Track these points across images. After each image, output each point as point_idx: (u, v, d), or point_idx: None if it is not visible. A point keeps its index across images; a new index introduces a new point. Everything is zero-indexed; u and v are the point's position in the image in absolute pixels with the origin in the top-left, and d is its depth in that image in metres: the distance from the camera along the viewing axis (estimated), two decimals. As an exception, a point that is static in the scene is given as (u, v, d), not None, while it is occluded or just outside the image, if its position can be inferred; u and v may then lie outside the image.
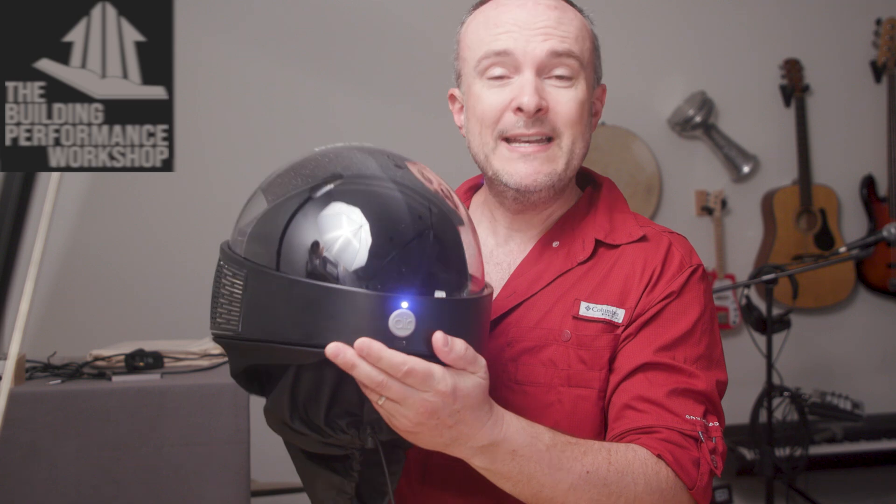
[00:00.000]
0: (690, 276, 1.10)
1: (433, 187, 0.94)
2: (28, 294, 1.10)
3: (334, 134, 3.18)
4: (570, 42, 1.09)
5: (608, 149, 3.26)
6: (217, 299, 0.91)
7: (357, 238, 0.85)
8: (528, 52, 1.07)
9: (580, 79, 1.10)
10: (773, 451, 2.65)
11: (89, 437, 1.75)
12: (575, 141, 1.10)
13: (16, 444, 1.71)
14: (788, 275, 2.61)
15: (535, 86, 1.07)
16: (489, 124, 1.10)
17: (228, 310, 0.89)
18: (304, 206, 0.88)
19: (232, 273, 0.89)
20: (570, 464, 0.93)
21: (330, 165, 0.93)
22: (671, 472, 0.98)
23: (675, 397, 1.03)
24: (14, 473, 1.72)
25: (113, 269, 3.01)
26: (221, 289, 0.90)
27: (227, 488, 1.78)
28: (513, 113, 1.08)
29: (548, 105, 1.08)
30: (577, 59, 1.09)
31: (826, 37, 3.45)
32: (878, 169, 3.43)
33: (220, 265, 0.92)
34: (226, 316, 0.89)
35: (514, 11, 1.09)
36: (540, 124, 1.08)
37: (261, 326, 0.86)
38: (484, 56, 1.09)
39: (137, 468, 1.76)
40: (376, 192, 0.90)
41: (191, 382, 1.86)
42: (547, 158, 1.09)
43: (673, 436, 1.00)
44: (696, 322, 1.08)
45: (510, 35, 1.08)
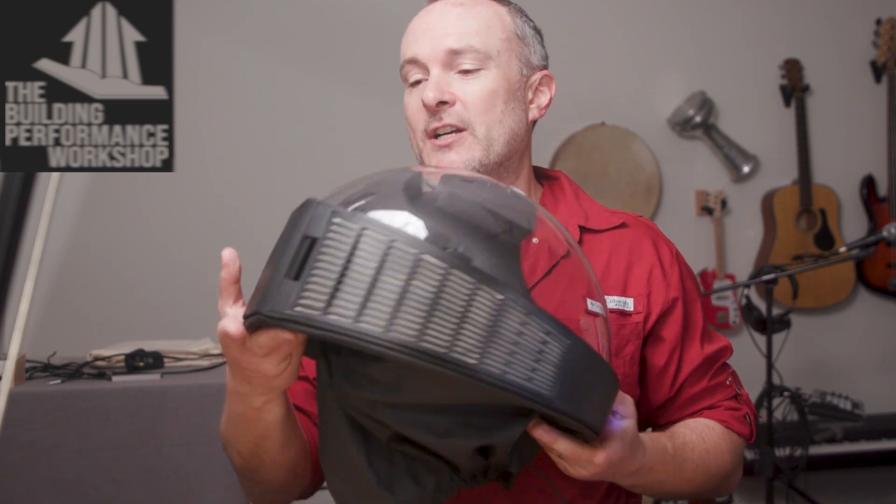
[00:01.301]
0: (680, 262, 1.24)
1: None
2: (28, 294, 1.10)
3: (334, 134, 3.18)
4: (469, 37, 1.14)
5: (608, 149, 3.25)
6: (505, 342, 0.81)
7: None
8: (428, 55, 1.14)
9: (489, 68, 1.14)
10: (773, 451, 2.65)
11: (89, 437, 1.75)
12: (490, 128, 1.14)
13: (16, 444, 1.71)
14: (788, 275, 2.61)
15: (435, 81, 1.13)
16: (415, 125, 1.17)
17: (533, 367, 0.82)
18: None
19: (545, 331, 0.83)
20: (686, 463, 1.10)
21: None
22: (735, 434, 1.20)
23: (717, 375, 1.22)
24: (14, 473, 1.72)
25: (113, 269, 3.01)
26: (522, 338, 0.82)
27: (227, 488, 1.78)
28: (424, 111, 1.15)
29: (454, 98, 1.13)
30: (479, 51, 1.14)
31: (826, 37, 3.45)
32: (878, 169, 3.43)
33: (511, 307, 0.82)
34: (528, 372, 0.81)
35: (423, 19, 1.18)
36: (448, 116, 1.13)
37: (574, 401, 0.85)
38: (401, 66, 1.18)
39: (137, 468, 1.76)
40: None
41: (191, 382, 1.86)
42: (462, 147, 1.14)
43: (728, 404, 1.22)
44: (701, 307, 1.24)
45: (416, 42, 1.16)
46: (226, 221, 3.07)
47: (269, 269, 0.82)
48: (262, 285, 0.81)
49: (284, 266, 0.78)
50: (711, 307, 3.32)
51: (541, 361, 0.81)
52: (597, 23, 3.36)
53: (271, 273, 0.80)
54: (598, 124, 3.27)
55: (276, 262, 0.80)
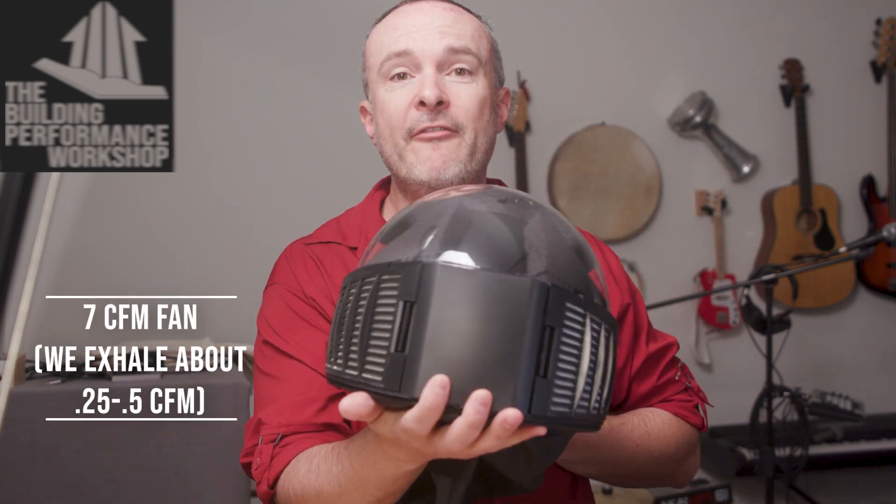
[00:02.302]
0: (619, 261, 1.28)
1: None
2: (28, 294, 1.10)
3: (335, 134, 3.18)
4: (466, 39, 1.13)
5: (608, 149, 3.25)
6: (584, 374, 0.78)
7: None
8: (426, 50, 1.12)
9: (480, 75, 1.14)
10: (773, 451, 2.65)
11: (89, 437, 1.75)
12: (477, 135, 1.13)
13: (16, 444, 1.71)
14: (788, 275, 2.61)
15: (434, 80, 1.11)
16: (398, 124, 1.13)
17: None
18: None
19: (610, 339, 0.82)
20: (625, 441, 1.11)
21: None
22: (684, 423, 1.21)
23: (665, 372, 1.23)
24: (14, 473, 1.72)
25: (113, 269, 3.01)
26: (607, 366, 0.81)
27: (227, 488, 1.78)
28: (416, 108, 1.12)
29: (448, 99, 1.11)
30: (475, 55, 1.13)
31: (826, 37, 3.46)
32: (878, 169, 3.43)
33: (600, 327, 0.80)
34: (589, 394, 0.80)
35: (411, 16, 1.15)
36: (443, 117, 1.11)
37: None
38: (386, 58, 1.14)
39: (137, 468, 1.76)
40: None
41: (191, 382, 1.86)
42: (454, 146, 1.12)
43: (679, 397, 1.23)
44: (644, 308, 1.27)
45: (409, 35, 1.13)
46: (226, 221, 3.07)
47: (487, 343, 0.73)
48: (488, 371, 0.72)
49: (524, 357, 0.72)
50: (711, 307, 3.32)
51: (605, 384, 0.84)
52: (596, 23, 3.36)
53: (504, 356, 0.72)
54: (598, 124, 3.27)
55: (506, 346, 0.73)
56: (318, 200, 2.14)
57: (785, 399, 2.76)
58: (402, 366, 0.73)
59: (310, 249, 1.21)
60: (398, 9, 1.18)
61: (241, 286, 1.30)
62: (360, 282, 0.82)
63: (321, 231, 1.25)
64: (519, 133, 3.14)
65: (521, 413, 0.71)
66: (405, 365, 0.73)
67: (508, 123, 3.16)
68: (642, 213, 3.31)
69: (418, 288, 0.74)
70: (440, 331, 0.73)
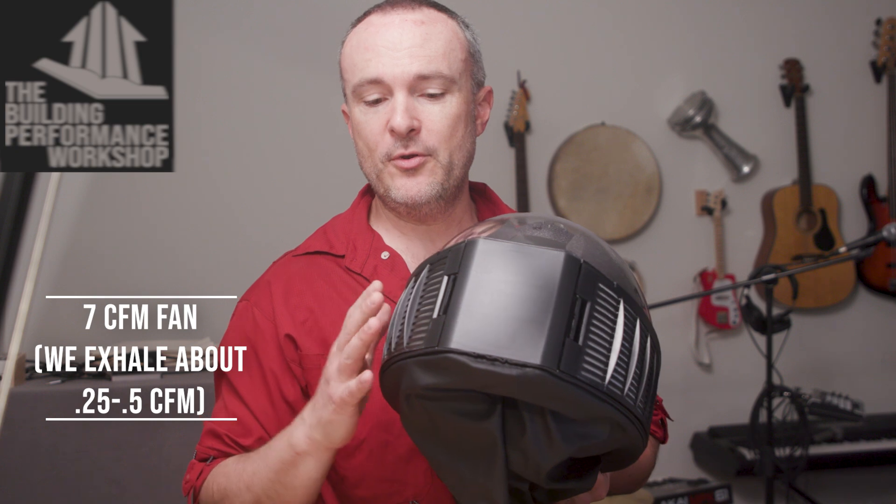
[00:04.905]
0: None
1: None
2: (28, 294, 1.10)
3: (335, 133, 3.18)
4: (437, 61, 1.14)
5: (608, 149, 3.25)
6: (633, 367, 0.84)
7: None
8: (396, 77, 1.13)
9: (452, 92, 1.15)
10: (773, 451, 2.65)
11: (89, 437, 1.75)
12: (452, 154, 1.16)
13: (16, 444, 1.71)
14: (788, 275, 2.61)
15: (405, 107, 1.13)
16: (373, 148, 1.16)
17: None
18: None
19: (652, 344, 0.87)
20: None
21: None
22: (653, 437, 1.27)
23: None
24: (14, 473, 1.72)
25: (113, 269, 3.01)
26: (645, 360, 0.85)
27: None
28: (389, 135, 1.14)
29: (420, 123, 1.13)
30: (446, 77, 1.14)
31: (826, 37, 3.45)
32: (878, 169, 3.43)
33: (635, 321, 0.85)
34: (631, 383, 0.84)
35: (381, 33, 1.15)
36: (415, 144, 1.14)
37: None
38: (358, 84, 1.15)
39: (137, 468, 1.76)
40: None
41: (191, 382, 1.86)
42: (428, 171, 1.15)
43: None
44: None
45: (380, 60, 1.13)
46: (226, 221, 3.07)
47: (513, 308, 0.80)
48: (511, 324, 0.79)
49: (554, 316, 0.78)
50: (711, 307, 3.32)
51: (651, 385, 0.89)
52: (597, 23, 3.36)
53: (535, 314, 0.79)
54: (598, 124, 3.27)
55: (537, 305, 0.79)
56: (318, 200, 2.14)
57: (785, 399, 2.76)
58: (441, 325, 0.81)
59: (296, 262, 1.26)
60: (369, 19, 1.18)
61: (241, 286, 1.30)
62: (413, 277, 0.93)
63: (309, 242, 1.28)
64: (519, 133, 3.15)
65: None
66: (444, 324, 0.81)
67: (508, 123, 3.16)
68: (642, 213, 3.31)
69: (461, 261, 0.84)
70: (477, 292, 0.81)
